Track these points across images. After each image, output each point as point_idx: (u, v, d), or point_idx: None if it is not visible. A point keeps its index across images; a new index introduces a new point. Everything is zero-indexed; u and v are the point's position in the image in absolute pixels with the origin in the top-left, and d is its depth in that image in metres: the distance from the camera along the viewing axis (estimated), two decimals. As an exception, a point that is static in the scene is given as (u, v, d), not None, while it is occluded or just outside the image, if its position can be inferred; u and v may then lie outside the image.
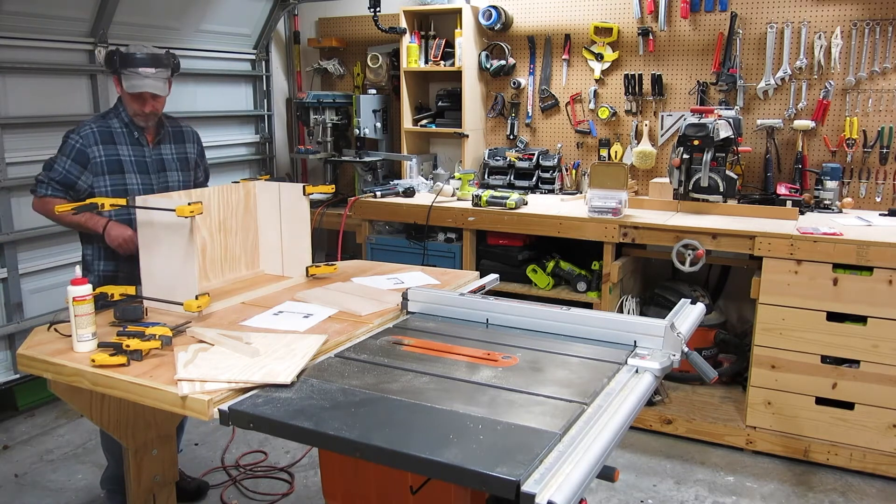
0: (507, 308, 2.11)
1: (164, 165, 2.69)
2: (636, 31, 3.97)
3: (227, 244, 2.56)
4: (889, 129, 3.52)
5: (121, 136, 2.60)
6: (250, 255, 2.66)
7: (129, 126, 2.60)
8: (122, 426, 2.20)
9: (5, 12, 3.29)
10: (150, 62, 2.52)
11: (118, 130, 2.60)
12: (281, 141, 5.18)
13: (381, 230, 4.09)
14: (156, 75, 2.53)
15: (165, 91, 2.59)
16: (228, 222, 2.55)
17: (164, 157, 2.70)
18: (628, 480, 3.08)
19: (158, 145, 2.68)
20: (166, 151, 2.70)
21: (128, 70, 2.50)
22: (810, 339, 3.06)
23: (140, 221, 2.23)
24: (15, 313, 3.55)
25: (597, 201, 3.41)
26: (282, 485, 3.08)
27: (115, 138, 2.58)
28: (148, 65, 2.52)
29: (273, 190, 2.61)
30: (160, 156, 2.68)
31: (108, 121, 2.60)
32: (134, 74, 2.50)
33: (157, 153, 2.67)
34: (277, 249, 2.65)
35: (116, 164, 2.57)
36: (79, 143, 2.53)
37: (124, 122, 2.60)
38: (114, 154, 2.57)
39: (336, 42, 4.83)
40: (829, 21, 3.58)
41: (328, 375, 1.73)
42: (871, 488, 3.03)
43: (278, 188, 2.60)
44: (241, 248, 2.61)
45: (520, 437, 1.40)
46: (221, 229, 2.52)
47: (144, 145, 2.64)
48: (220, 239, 2.52)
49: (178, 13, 4.09)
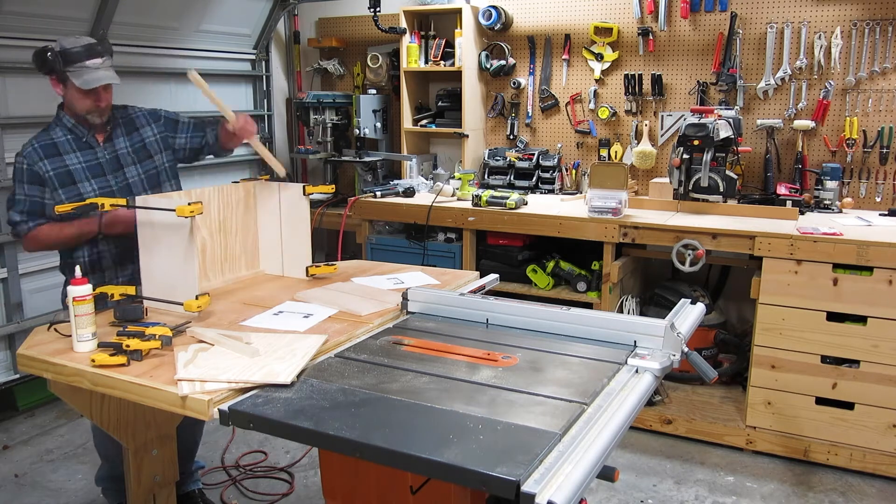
0: (507, 308, 2.11)
1: (120, 162, 2.55)
2: (636, 31, 3.97)
3: (227, 244, 2.55)
4: (889, 129, 3.52)
5: (65, 144, 2.45)
6: (250, 255, 2.66)
7: (73, 131, 2.47)
8: (122, 426, 2.20)
9: (5, 12, 3.29)
10: (94, 53, 2.37)
11: (61, 140, 2.45)
12: (281, 141, 5.18)
13: (381, 230, 4.09)
14: (104, 64, 2.39)
15: (118, 79, 2.43)
16: (228, 222, 2.54)
17: (119, 152, 2.55)
18: (628, 480, 3.08)
19: (111, 141, 2.54)
20: (120, 146, 2.56)
21: (74, 66, 2.34)
22: (810, 339, 3.06)
23: (140, 221, 2.23)
24: (15, 313, 3.55)
25: (597, 201, 3.41)
26: (282, 485, 3.08)
27: (59, 149, 2.44)
28: (93, 55, 2.36)
29: (273, 190, 2.62)
30: (114, 153, 2.54)
31: (49, 133, 2.46)
32: (83, 69, 2.34)
33: (110, 151, 2.53)
34: (277, 249, 2.65)
35: (66, 176, 2.44)
36: (25, 164, 2.39)
37: (67, 129, 2.46)
38: (61, 166, 2.43)
39: (336, 42, 4.83)
40: (829, 21, 3.58)
41: (328, 375, 1.73)
42: (871, 488, 3.03)
43: (278, 188, 2.61)
44: (241, 248, 2.61)
45: (520, 437, 1.40)
46: (221, 229, 2.52)
47: (95, 146, 2.50)
48: (220, 239, 2.52)
49: (178, 13, 4.09)
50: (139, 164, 2.61)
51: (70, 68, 2.35)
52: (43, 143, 2.44)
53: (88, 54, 2.36)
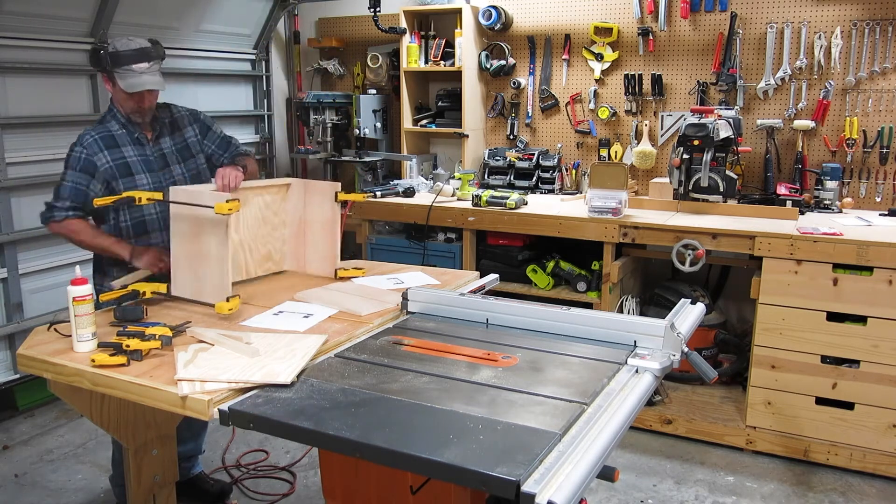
0: (507, 308, 2.11)
1: (166, 161, 2.63)
2: (636, 31, 3.97)
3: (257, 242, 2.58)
4: (889, 129, 3.52)
5: (122, 137, 2.54)
6: (278, 254, 2.69)
7: (126, 126, 2.55)
8: (122, 426, 2.20)
9: (5, 12, 3.29)
10: (143, 57, 2.43)
11: (119, 133, 2.53)
12: (281, 141, 5.18)
13: (381, 230, 4.09)
14: (150, 69, 2.45)
15: (163, 85, 2.51)
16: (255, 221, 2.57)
17: (165, 151, 2.63)
18: (628, 480, 3.08)
19: (157, 140, 2.62)
20: (166, 145, 2.64)
21: (121, 69, 2.41)
22: (810, 339, 3.06)
23: (172, 216, 2.22)
24: (15, 313, 3.55)
25: (597, 201, 3.41)
26: (282, 485, 3.08)
27: (117, 141, 2.52)
28: (141, 59, 2.43)
29: (302, 190, 2.63)
30: (161, 151, 2.62)
31: (106, 125, 2.54)
32: (129, 73, 2.41)
33: (157, 149, 2.61)
34: (308, 249, 2.67)
35: (125, 167, 2.51)
36: (84, 154, 2.46)
37: (122, 123, 2.54)
38: (120, 157, 2.51)
39: (336, 42, 4.83)
40: (829, 21, 3.58)
41: (328, 375, 1.73)
42: (871, 488, 3.03)
43: (304, 186, 2.63)
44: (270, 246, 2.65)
45: (520, 437, 1.40)
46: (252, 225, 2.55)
47: (145, 143, 2.58)
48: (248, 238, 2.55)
49: (178, 13, 4.09)
50: (183, 163, 2.68)
51: (118, 70, 2.42)
52: (103, 135, 2.50)
53: (137, 58, 2.43)
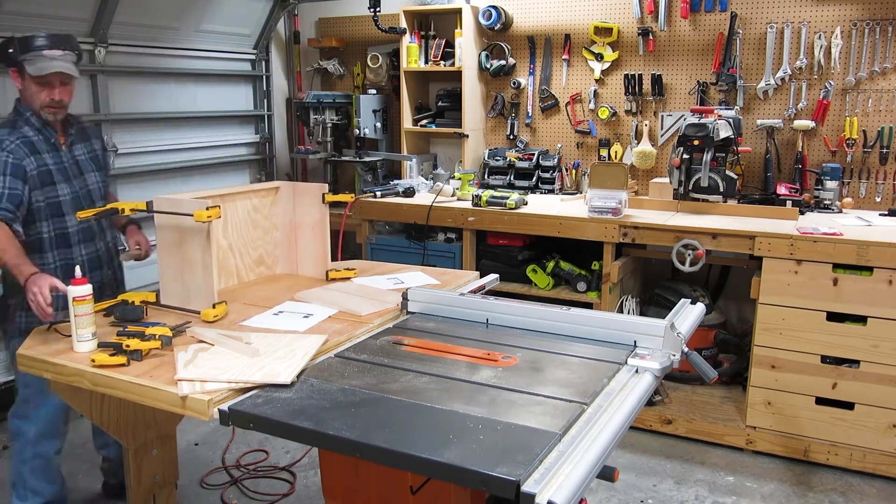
0: (507, 308, 2.11)
1: (81, 168, 2.51)
2: (636, 31, 3.97)
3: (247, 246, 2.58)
4: (889, 129, 3.52)
5: (40, 144, 2.38)
6: (270, 257, 2.69)
7: (41, 131, 2.40)
8: (122, 426, 2.20)
9: (5, 12, 3.28)
10: (55, 42, 2.30)
11: (35, 139, 2.38)
12: (281, 141, 5.18)
13: (381, 230, 4.09)
14: (63, 56, 2.32)
15: (76, 72, 2.36)
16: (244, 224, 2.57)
17: (79, 158, 2.51)
18: (628, 480, 3.08)
19: (71, 147, 2.49)
20: (79, 152, 2.52)
21: (30, 54, 2.27)
22: (810, 339, 3.06)
23: (157, 226, 2.22)
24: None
25: (597, 201, 3.41)
26: (282, 485, 3.08)
27: (37, 147, 2.37)
28: (53, 46, 2.29)
29: (292, 193, 2.64)
30: (74, 158, 2.49)
31: (21, 131, 2.36)
32: (39, 57, 2.27)
33: (71, 157, 2.48)
34: (298, 251, 2.67)
35: (47, 175, 2.37)
36: (11, 158, 2.28)
37: (36, 128, 2.39)
38: (43, 165, 2.37)
39: (336, 42, 4.83)
40: (829, 21, 3.58)
41: (328, 375, 1.73)
42: (871, 488, 3.03)
43: (292, 188, 2.63)
44: (262, 250, 2.65)
45: (520, 437, 1.40)
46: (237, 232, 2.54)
47: (59, 149, 2.45)
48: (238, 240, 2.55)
49: (178, 13, 4.09)
50: (96, 172, 2.58)
51: (27, 56, 2.29)
52: (23, 140, 2.36)
53: (47, 44, 2.30)
